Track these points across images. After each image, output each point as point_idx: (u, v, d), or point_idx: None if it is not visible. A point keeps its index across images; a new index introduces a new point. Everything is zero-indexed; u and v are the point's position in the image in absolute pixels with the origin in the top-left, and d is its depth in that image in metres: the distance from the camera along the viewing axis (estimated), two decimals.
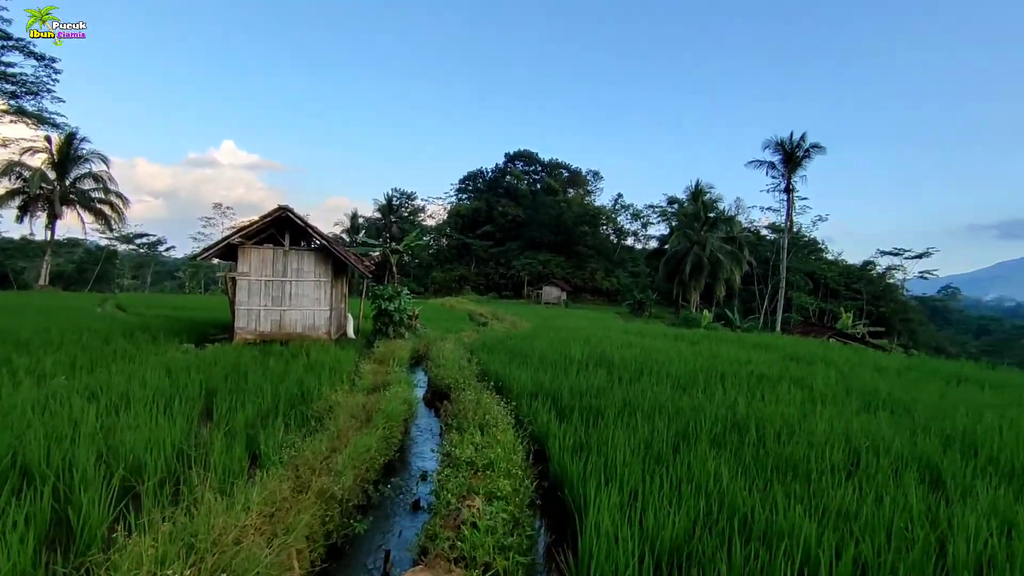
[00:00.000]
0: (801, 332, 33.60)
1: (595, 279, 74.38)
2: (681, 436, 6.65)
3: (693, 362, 12.96)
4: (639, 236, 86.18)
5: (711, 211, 57.08)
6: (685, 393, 9.26)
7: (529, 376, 10.30)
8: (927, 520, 4.33)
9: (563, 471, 5.41)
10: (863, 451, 6.17)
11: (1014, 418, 8.36)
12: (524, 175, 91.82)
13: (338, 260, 16.76)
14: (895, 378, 12.47)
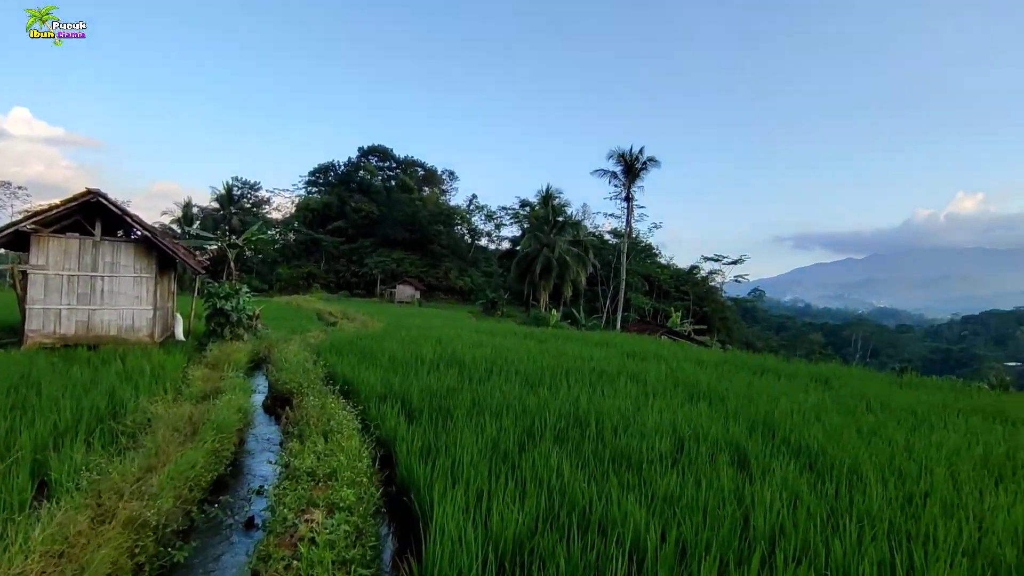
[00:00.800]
0: (638, 330, 36.57)
1: (449, 278, 74.71)
2: (527, 434, 6.86)
3: (541, 360, 13.48)
4: (492, 237, 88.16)
5: (560, 215, 59.99)
6: (532, 391, 9.58)
7: (378, 378, 10.01)
8: (735, 498, 4.88)
9: (410, 475, 5.31)
10: (686, 439, 6.82)
11: (802, 403, 9.76)
12: (379, 171, 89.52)
13: (165, 254, 14.94)
14: (713, 371, 13.98)
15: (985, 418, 9.76)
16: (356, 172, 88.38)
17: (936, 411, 9.89)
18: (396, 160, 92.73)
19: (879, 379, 14.64)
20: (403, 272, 71.54)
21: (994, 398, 12.67)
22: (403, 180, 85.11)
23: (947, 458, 6.52)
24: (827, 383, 13.04)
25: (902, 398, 11.05)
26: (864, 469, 5.83)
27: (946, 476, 5.69)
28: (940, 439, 7.46)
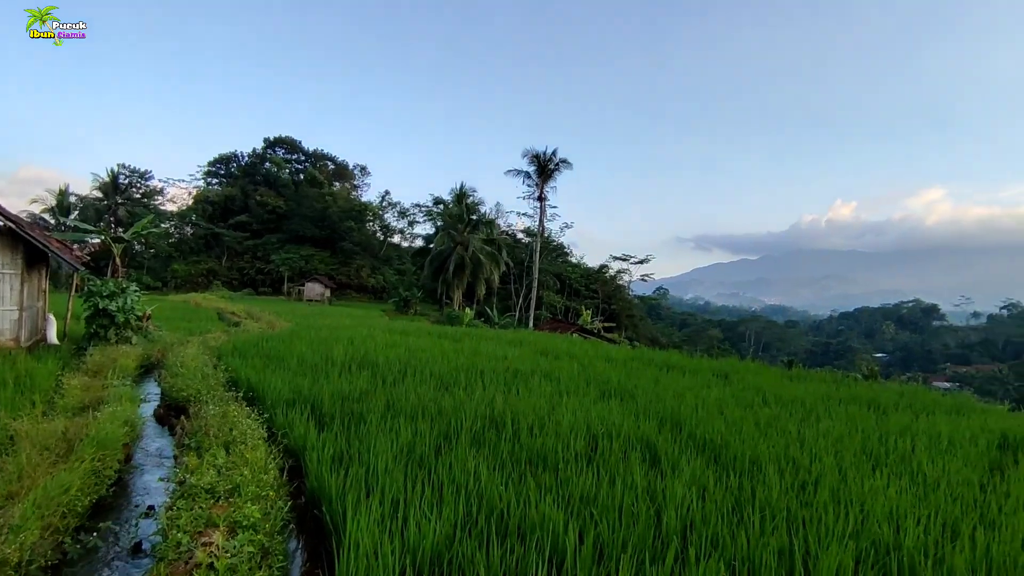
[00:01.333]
0: (550, 328, 37.26)
1: (361, 276, 72.61)
2: (444, 437, 6.75)
3: (456, 360, 13.36)
4: (406, 234, 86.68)
5: (474, 213, 59.98)
6: (448, 392, 9.46)
7: (286, 382, 9.50)
8: (648, 495, 5.03)
9: (321, 486, 5.04)
10: (600, 437, 6.97)
11: (705, 398, 10.29)
12: (286, 163, 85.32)
13: (34, 247, 13.37)
14: (623, 368, 14.45)
15: (861, 406, 10.71)
16: (261, 164, 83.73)
17: (821, 402, 10.76)
18: (305, 153, 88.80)
19: (772, 372, 15.73)
20: (312, 269, 68.67)
21: (867, 388, 13.97)
22: (312, 174, 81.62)
23: (833, 446, 7.08)
24: (727, 378, 13.85)
25: (792, 390, 11.92)
26: (763, 460, 6.21)
27: (833, 464, 6.17)
28: (826, 428, 8.10)
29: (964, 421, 9.65)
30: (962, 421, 9.64)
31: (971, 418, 10.04)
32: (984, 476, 6.35)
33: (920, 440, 7.66)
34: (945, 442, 7.75)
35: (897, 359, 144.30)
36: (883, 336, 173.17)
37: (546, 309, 64.37)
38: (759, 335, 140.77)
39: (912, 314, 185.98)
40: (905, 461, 6.65)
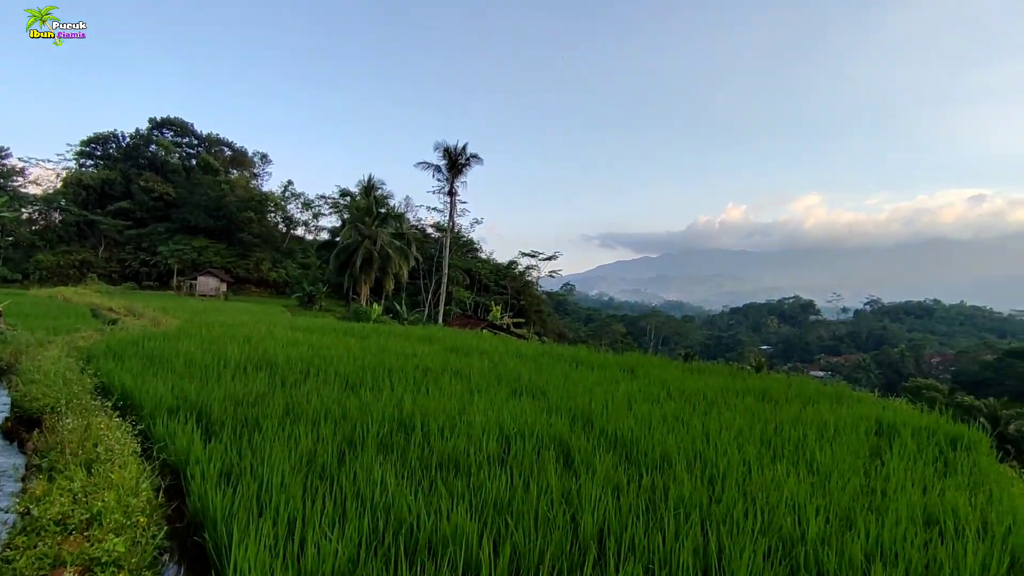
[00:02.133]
0: (460, 324, 36.97)
1: (261, 270, 68.57)
2: (348, 443, 6.30)
3: (362, 358, 12.76)
4: (310, 227, 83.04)
5: (382, 207, 58.41)
6: (354, 393, 8.95)
7: (169, 387, 8.55)
8: (564, 498, 4.89)
9: (205, 506, 4.47)
10: (513, 438, 6.78)
11: (614, 393, 10.42)
12: (175, 147, 78.82)
13: None
14: (533, 364, 14.43)
15: (756, 398, 11.29)
16: (146, 146, 76.75)
17: (721, 394, 11.22)
18: (197, 136, 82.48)
19: (674, 367, 16.33)
20: (206, 262, 63.91)
21: (759, 379, 14.82)
22: (206, 160, 75.92)
23: (735, 439, 7.33)
24: (633, 372, 14.19)
25: (694, 383, 12.37)
26: (672, 456, 6.28)
27: (737, 457, 6.36)
28: (728, 421, 8.41)
29: (844, 409, 10.39)
30: (842, 409, 10.38)
31: (850, 407, 10.84)
32: (867, 462, 6.80)
33: (811, 430, 8.11)
34: (831, 431, 8.27)
35: (779, 351, 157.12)
36: (768, 329, 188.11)
37: (456, 305, 63.95)
38: (659, 330, 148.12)
39: (792, 309, 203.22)
40: (800, 450, 6.99)
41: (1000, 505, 5.54)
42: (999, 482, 6.65)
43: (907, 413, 10.18)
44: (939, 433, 8.50)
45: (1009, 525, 4.89)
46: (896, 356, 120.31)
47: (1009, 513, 5.25)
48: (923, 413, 10.32)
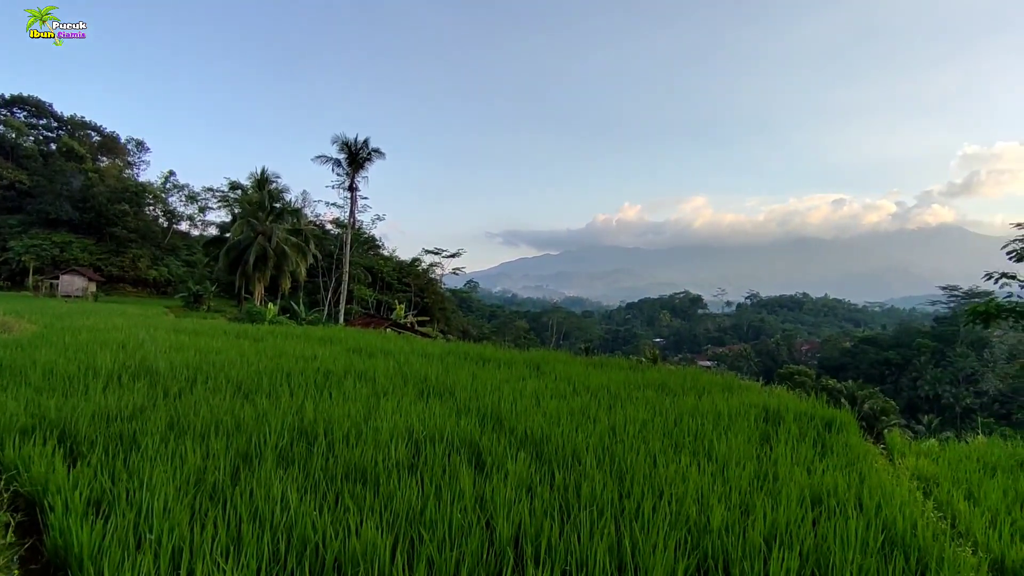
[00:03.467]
0: (362, 323, 35.85)
1: (138, 268, 62.70)
2: (243, 457, 5.81)
3: (257, 362, 11.97)
4: (196, 221, 77.10)
5: (277, 201, 55.38)
6: (248, 401, 8.32)
7: (22, 404, 7.49)
8: (477, 504, 4.78)
9: (69, 543, 3.90)
10: (422, 442, 6.58)
11: (522, 390, 10.47)
12: (30, 129, 70.14)
13: None
14: (439, 363, 14.21)
15: (656, 391, 11.79)
16: None
17: (624, 388, 11.60)
18: (57, 118, 73.94)
19: (578, 362, 16.72)
20: (71, 260, 57.36)
21: (657, 372, 15.53)
22: (69, 144, 68.14)
23: (640, 432, 7.57)
24: (539, 369, 14.35)
25: (598, 378, 12.71)
26: (582, 453, 6.36)
27: (644, 451, 6.56)
28: (632, 415, 8.68)
29: (734, 398, 11.09)
30: (733, 398, 11.07)
31: (740, 395, 11.59)
32: (758, 448, 7.26)
33: (707, 420, 8.56)
34: (726, 420, 8.78)
35: (671, 343, 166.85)
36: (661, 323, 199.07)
37: (358, 304, 62.00)
38: (560, 325, 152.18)
39: (683, 304, 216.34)
40: (699, 441, 7.34)
41: (870, 481, 6.10)
42: (866, 459, 7.33)
43: (789, 399, 11.03)
44: (816, 417, 9.27)
45: (879, 501, 5.38)
46: (772, 345, 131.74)
47: (878, 489, 5.79)
48: (802, 399, 11.22)
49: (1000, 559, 4.79)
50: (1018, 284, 23.96)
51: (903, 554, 4.35)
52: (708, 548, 4.21)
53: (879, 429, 28.65)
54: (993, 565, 4.77)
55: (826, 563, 4.11)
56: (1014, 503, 6.00)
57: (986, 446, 8.94)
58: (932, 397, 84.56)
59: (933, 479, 7.06)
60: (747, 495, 5.33)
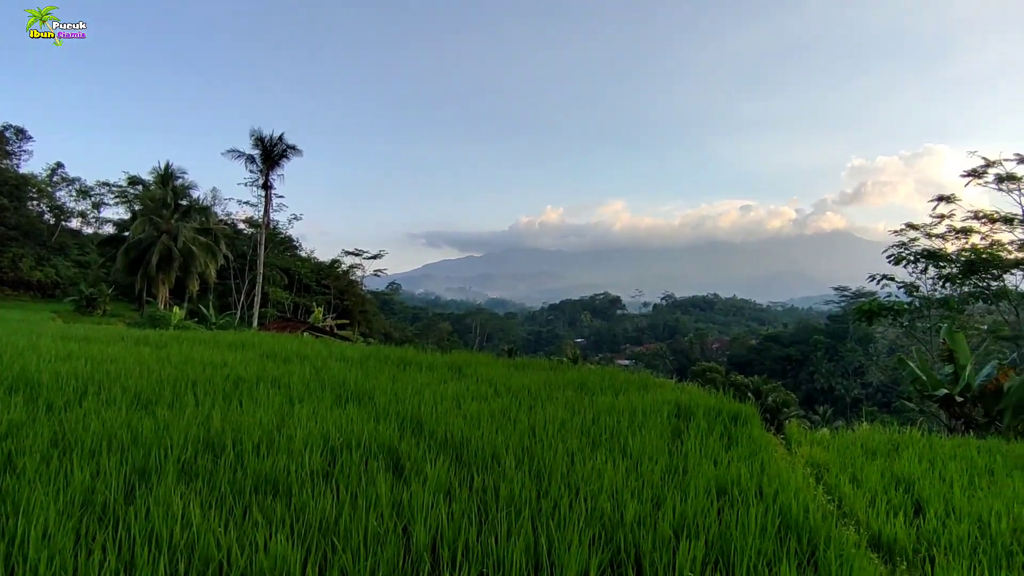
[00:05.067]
0: (278, 327, 34.40)
1: (20, 268, 56.81)
2: (139, 473, 5.41)
3: (159, 370, 11.19)
4: (89, 219, 71.12)
5: (183, 198, 52.13)
6: (147, 412, 7.77)
7: None
8: (394, 510, 4.70)
9: None
10: (339, 449, 6.39)
11: (443, 393, 10.39)
12: None
13: None
14: (359, 367, 13.86)
15: (575, 390, 12.06)
16: None
17: (544, 388, 11.78)
18: None
19: (500, 363, 16.81)
20: None
21: (577, 371, 15.89)
22: None
23: (559, 431, 7.71)
24: (460, 371, 14.31)
25: (519, 379, 12.83)
26: (502, 454, 6.40)
27: (562, 449, 6.68)
28: (551, 415, 8.82)
29: (649, 396, 11.53)
30: (648, 396, 11.50)
31: (654, 392, 12.07)
32: (670, 443, 7.58)
33: (623, 417, 8.85)
34: (640, 416, 9.11)
35: (592, 343, 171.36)
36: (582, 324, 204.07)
37: (273, 307, 59.40)
38: (484, 327, 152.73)
39: (602, 304, 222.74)
40: (615, 438, 7.57)
41: (769, 470, 6.52)
42: (767, 449, 7.83)
43: (699, 395, 11.58)
44: (724, 411, 9.79)
45: (777, 488, 5.76)
46: (686, 344, 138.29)
47: (776, 477, 6.20)
48: (711, 394, 11.82)
49: (877, 534, 5.26)
50: (896, 285, 26.55)
51: (796, 536, 4.68)
52: (621, 542, 4.35)
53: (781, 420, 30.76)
54: (871, 540, 5.23)
55: (728, 549, 4.35)
56: (890, 483, 6.60)
57: (868, 433, 9.78)
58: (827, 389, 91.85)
59: (824, 465, 7.64)
60: (659, 488, 5.54)
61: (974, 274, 22.98)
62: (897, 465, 7.45)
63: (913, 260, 24.96)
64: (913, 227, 25.42)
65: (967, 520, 5.39)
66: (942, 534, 5.13)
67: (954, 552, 4.80)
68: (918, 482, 6.66)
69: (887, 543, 5.15)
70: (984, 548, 4.89)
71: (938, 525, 5.32)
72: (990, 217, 23.99)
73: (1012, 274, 23.28)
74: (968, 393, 14.19)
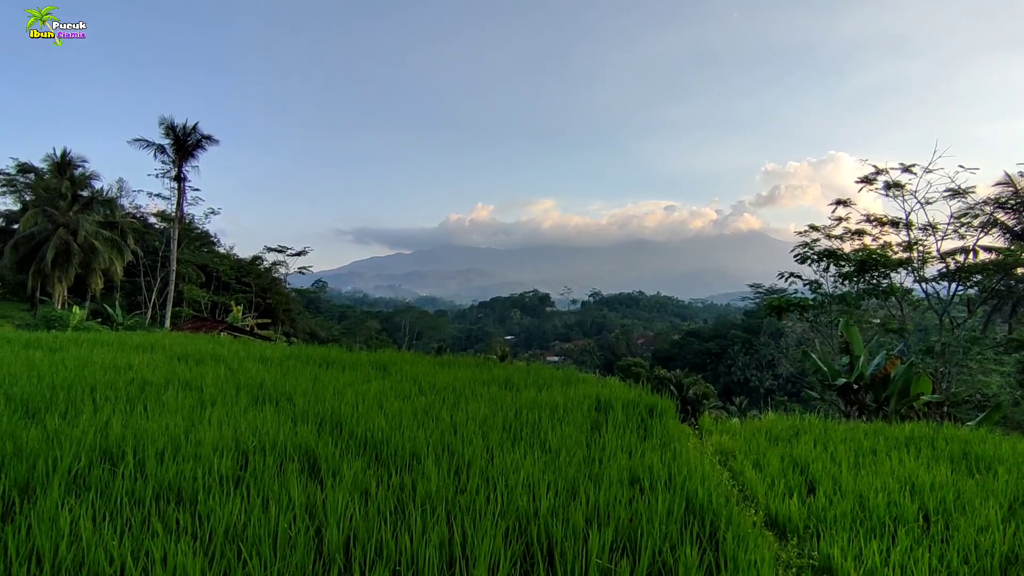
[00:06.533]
0: (192, 327, 32.62)
1: None
2: (21, 487, 5.01)
3: (51, 375, 10.36)
4: None
5: (84, 188, 48.29)
6: (35, 421, 7.19)
7: None
8: (307, 512, 4.59)
9: None
10: (251, 452, 6.17)
11: (365, 392, 10.22)
12: None
13: None
14: (278, 368, 13.40)
15: (500, 387, 12.16)
16: None
17: (469, 385, 11.81)
18: None
19: (426, 361, 16.69)
20: None
21: (503, 368, 16.03)
22: None
23: (480, 427, 7.76)
24: (385, 369, 14.11)
25: (445, 377, 12.81)
26: (421, 452, 6.38)
27: (481, 445, 6.74)
28: (474, 411, 8.87)
29: (572, 390, 11.80)
30: (570, 390, 11.78)
31: (577, 387, 12.37)
32: (588, 436, 7.81)
33: (545, 412, 9.02)
34: (561, 411, 9.32)
35: (522, 340, 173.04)
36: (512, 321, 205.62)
37: (188, 305, 56.20)
38: (413, 325, 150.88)
39: (532, 302, 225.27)
40: (536, 432, 7.71)
41: (680, 459, 6.85)
42: (680, 439, 8.21)
43: (619, 389, 11.97)
44: (641, 404, 10.17)
45: (685, 475, 6.06)
46: (612, 340, 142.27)
47: (685, 465, 6.52)
48: (630, 388, 12.23)
49: (774, 514, 5.64)
50: (802, 282, 28.50)
51: (700, 520, 4.95)
52: (534, 533, 4.45)
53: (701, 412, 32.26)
54: (768, 520, 5.62)
55: (637, 534, 4.55)
56: (787, 467, 7.10)
57: (773, 420, 10.44)
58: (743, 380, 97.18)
59: (731, 452, 8.11)
60: (574, 480, 5.70)
61: (867, 272, 25.05)
62: (795, 449, 8.00)
63: (816, 259, 26.85)
64: (815, 229, 27.38)
65: (850, 496, 5.89)
66: (829, 510, 5.57)
67: (838, 526, 5.23)
68: (812, 464, 7.19)
69: (782, 521, 5.54)
70: (862, 520, 5.36)
71: (826, 502, 5.78)
72: (880, 220, 26.24)
73: (898, 272, 25.54)
74: (861, 381, 15.43)
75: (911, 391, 14.20)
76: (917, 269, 25.82)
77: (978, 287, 26.42)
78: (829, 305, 26.70)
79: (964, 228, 26.18)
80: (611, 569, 4.07)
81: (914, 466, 7.15)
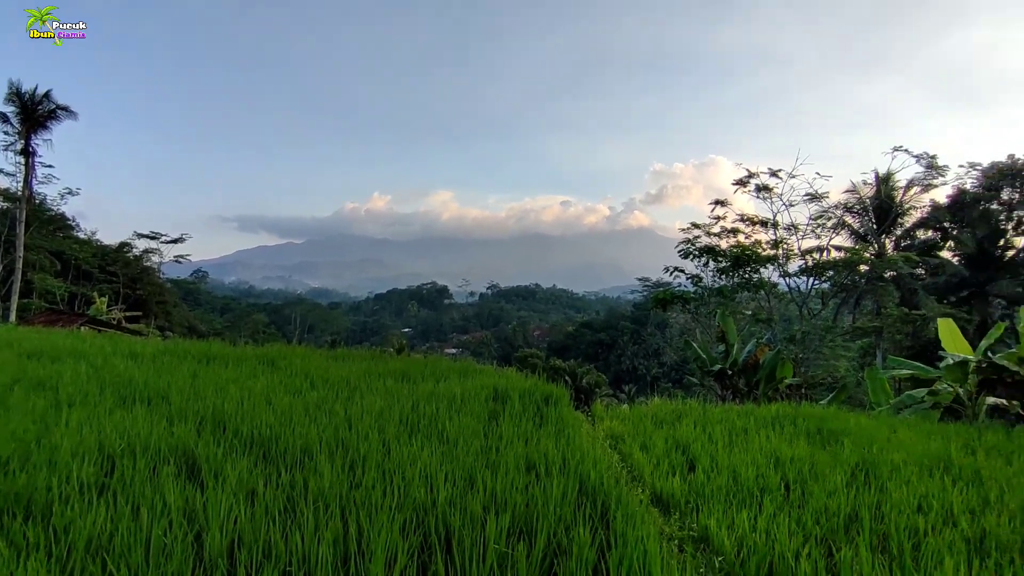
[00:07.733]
0: (46, 321, 29.15)
1: None
2: None
3: None
4: None
5: None
6: None
7: None
8: (185, 517, 4.26)
9: None
10: (119, 456, 5.62)
11: (251, 388, 9.65)
12: None
13: None
14: (151, 365, 12.32)
15: (396, 379, 11.95)
16: None
17: (364, 379, 11.50)
18: None
19: (318, 355, 16.03)
20: None
21: (400, 361, 15.77)
22: None
23: (376, 421, 7.59)
24: (274, 364, 13.40)
25: (338, 370, 12.39)
26: (314, 448, 6.14)
27: (377, 439, 6.60)
28: (369, 404, 8.65)
29: (469, 381, 11.85)
30: (468, 382, 11.82)
31: (474, 378, 12.44)
32: (486, 426, 7.88)
33: (443, 403, 8.99)
34: (459, 402, 9.33)
35: (419, 332, 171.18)
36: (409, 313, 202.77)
37: (39, 297, 49.97)
38: (305, 318, 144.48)
39: (430, 294, 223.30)
40: (433, 424, 7.67)
41: (573, 444, 7.10)
42: (574, 426, 8.51)
43: (516, 379, 12.18)
44: (537, 393, 10.42)
45: (579, 459, 6.30)
46: (510, 331, 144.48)
47: (578, 450, 6.77)
48: (527, 378, 12.50)
49: (660, 492, 6.02)
50: (685, 276, 30.55)
51: (592, 501, 5.16)
52: (432, 524, 4.43)
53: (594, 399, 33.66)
54: (654, 497, 5.99)
55: (533, 518, 4.66)
56: (671, 447, 7.59)
57: (658, 405, 11.11)
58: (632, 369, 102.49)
59: (620, 436, 8.53)
60: (472, 469, 5.74)
61: (740, 267, 27.35)
62: (678, 432, 8.57)
63: (697, 255, 28.87)
64: (697, 226, 29.42)
65: (725, 472, 6.41)
66: (707, 485, 6.03)
67: (714, 499, 5.67)
68: (692, 444, 7.74)
69: (666, 498, 5.93)
70: (735, 492, 5.86)
71: (704, 478, 6.25)
72: (752, 220, 28.72)
73: (766, 268, 28.13)
74: (735, 367, 16.83)
75: (776, 375, 15.70)
76: (782, 265, 28.63)
77: (830, 282, 29.77)
78: (709, 297, 28.82)
79: (820, 228, 29.50)
80: (508, 553, 4.14)
81: (778, 442, 7.92)
